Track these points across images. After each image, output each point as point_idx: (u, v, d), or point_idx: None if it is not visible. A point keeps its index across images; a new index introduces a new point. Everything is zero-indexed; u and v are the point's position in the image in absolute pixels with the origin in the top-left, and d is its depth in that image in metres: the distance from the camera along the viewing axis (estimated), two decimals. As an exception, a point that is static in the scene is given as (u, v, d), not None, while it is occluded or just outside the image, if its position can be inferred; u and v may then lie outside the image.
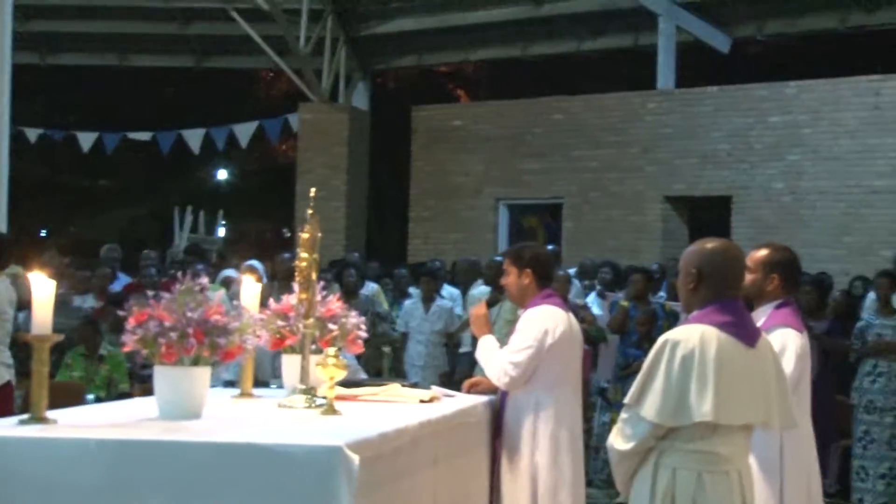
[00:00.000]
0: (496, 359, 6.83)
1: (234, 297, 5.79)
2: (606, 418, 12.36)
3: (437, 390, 6.62)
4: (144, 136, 24.82)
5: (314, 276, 5.85)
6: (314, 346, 5.90)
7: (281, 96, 30.58)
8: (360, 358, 8.66)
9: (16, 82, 12.00)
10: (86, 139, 24.25)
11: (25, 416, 4.74)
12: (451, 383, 8.76)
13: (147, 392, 6.11)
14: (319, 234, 5.87)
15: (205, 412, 5.09)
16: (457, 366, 13.82)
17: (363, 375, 8.54)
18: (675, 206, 19.82)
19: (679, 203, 19.85)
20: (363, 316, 6.53)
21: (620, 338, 12.56)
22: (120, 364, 11.04)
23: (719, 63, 21.74)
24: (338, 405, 5.44)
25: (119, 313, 5.21)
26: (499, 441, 6.83)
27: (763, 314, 6.07)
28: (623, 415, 4.96)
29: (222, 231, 27.54)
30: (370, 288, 14.74)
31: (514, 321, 7.05)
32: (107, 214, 33.59)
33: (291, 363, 6.02)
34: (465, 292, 14.30)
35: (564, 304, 7.19)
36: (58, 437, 4.50)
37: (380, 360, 13.17)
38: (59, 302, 4.81)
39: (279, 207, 29.61)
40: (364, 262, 16.74)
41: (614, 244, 19.34)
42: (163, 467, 4.35)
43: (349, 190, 22.84)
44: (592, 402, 12.37)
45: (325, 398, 5.43)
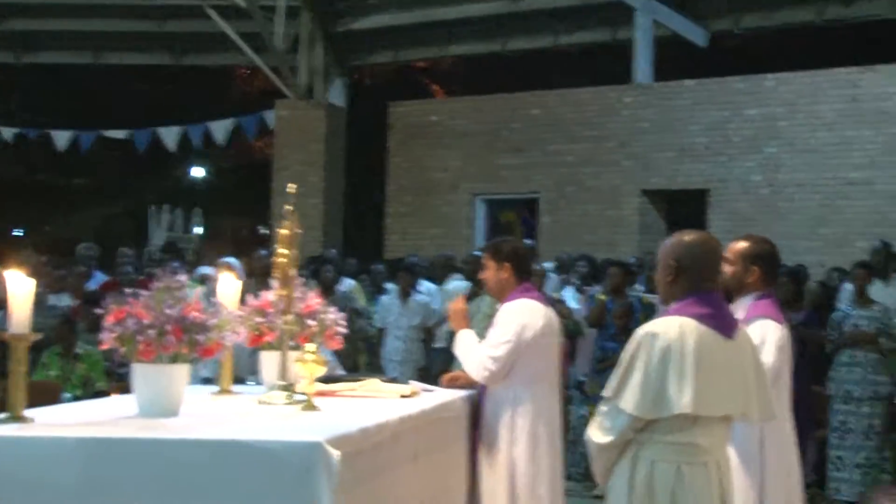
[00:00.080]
0: (475, 353, 6.82)
1: (212, 295, 5.76)
2: (584, 412, 12.36)
3: (417, 385, 6.62)
4: (120, 135, 24.74)
5: (293, 273, 5.84)
6: (293, 343, 5.89)
7: (257, 93, 30.52)
8: (338, 354, 8.64)
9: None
10: (61, 138, 24.20)
11: (3, 416, 4.71)
12: (428, 379, 8.76)
13: (125, 390, 6.09)
14: (299, 231, 5.86)
15: (183, 409, 5.07)
16: (432, 361, 13.83)
17: (341, 371, 8.53)
18: (653, 200, 19.83)
19: (656, 197, 19.86)
20: (341, 312, 6.51)
21: (598, 331, 12.58)
22: (97, 363, 10.98)
23: (696, 57, 21.73)
24: (317, 401, 5.43)
25: (96, 311, 5.18)
26: (477, 435, 6.82)
27: (743, 306, 6.08)
28: (602, 407, 4.95)
29: (198, 229, 27.46)
30: (347, 284, 14.74)
31: (494, 315, 7.03)
32: (83, 213, 33.54)
33: (270, 360, 6.01)
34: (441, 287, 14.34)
35: (543, 298, 7.19)
36: (36, 436, 4.47)
37: (357, 356, 13.17)
38: (35, 301, 4.78)
39: (256, 204, 29.57)
40: (342, 259, 16.71)
41: (591, 238, 19.34)
42: (142, 465, 4.33)
43: (326, 186, 22.80)
44: (570, 396, 12.37)
45: (305, 394, 5.43)
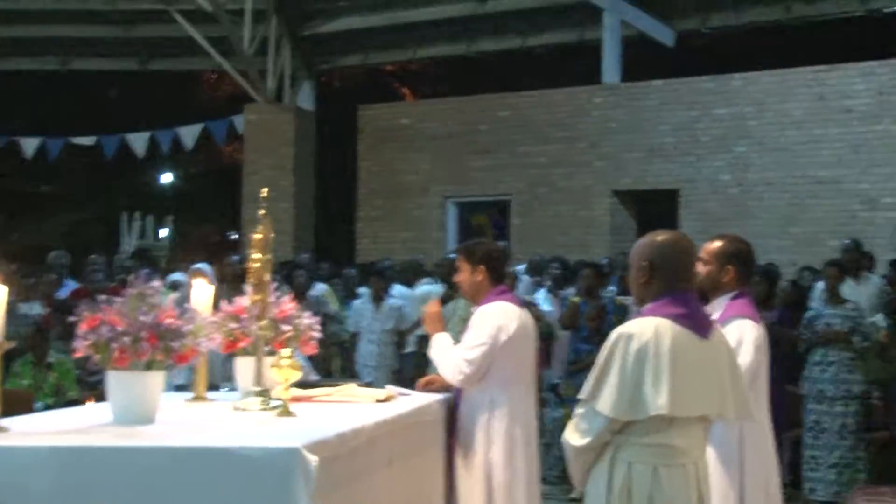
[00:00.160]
0: (450, 356, 6.80)
1: (184, 301, 5.72)
2: (558, 414, 12.36)
3: (393, 389, 6.60)
4: (88, 141, 24.58)
5: (267, 277, 5.81)
6: (268, 348, 5.86)
7: (225, 98, 30.45)
8: (311, 359, 8.61)
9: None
10: (29, 145, 24.04)
11: (-22, 426, 4.67)
12: (401, 383, 8.75)
13: (99, 398, 6.06)
14: (272, 235, 5.83)
15: (159, 417, 5.04)
16: (403, 366, 13.82)
17: (314, 377, 8.50)
18: (623, 201, 19.86)
19: (627, 197, 19.89)
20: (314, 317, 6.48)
21: (571, 333, 12.57)
22: (68, 372, 10.91)
23: (664, 56, 21.78)
24: (293, 406, 5.41)
25: (70, 319, 5.15)
26: (454, 439, 6.80)
27: (719, 306, 6.09)
28: (578, 410, 4.92)
29: (167, 234, 27.35)
30: (319, 289, 14.70)
31: (469, 319, 7.01)
32: (51, 220, 33.35)
33: (245, 365, 5.98)
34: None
35: (518, 300, 7.18)
36: (11, 446, 4.44)
37: (330, 361, 13.14)
38: (6, 309, 4.73)
39: (225, 210, 29.50)
40: (314, 263, 16.68)
41: (563, 240, 19.36)
42: (118, 473, 4.31)
43: (296, 191, 22.73)
44: (544, 398, 12.36)
45: (281, 400, 5.40)
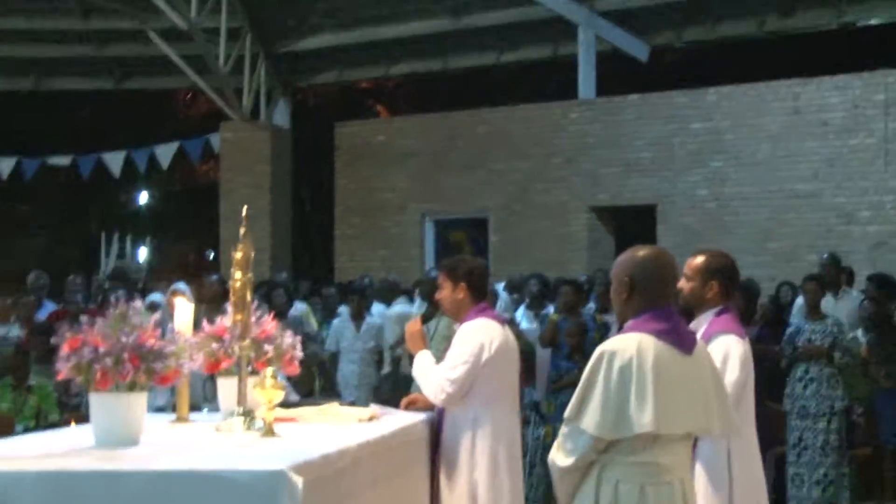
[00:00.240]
0: (432, 375, 6.76)
1: (165, 322, 5.67)
2: (540, 432, 12.30)
3: (377, 408, 6.57)
4: (64, 161, 24.53)
5: (249, 297, 5.77)
6: (250, 368, 5.81)
7: (201, 116, 30.41)
8: (290, 379, 8.57)
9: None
10: (4, 165, 23.94)
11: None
12: (379, 403, 8.72)
13: (80, 420, 6.00)
14: (253, 254, 5.79)
15: (142, 439, 5.00)
16: (381, 385, 13.77)
17: (294, 397, 8.45)
18: (601, 216, 19.87)
19: (604, 213, 19.89)
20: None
21: (552, 351, 12.50)
22: (49, 394, 10.82)
23: (639, 71, 21.83)
24: (277, 427, 5.37)
25: (49, 341, 5.10)
26: (437, 458, 6.77)
27: (704, 321, 6.08)
28: (563, 429, 4.88)
29: (145, 254, 27.31)
30: (298, 308, 14.66)
31: (451, 337, 6.98)
32: (27, 241, 33.23)
33: (227, 386, 5.93)
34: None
35: (500, 318, 7.15)
36: (-6, 470, 4.39)
37: (311, 381, 13.08)
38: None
39: (202, 229, 29.41)
40: (293, 282, 16.63)
41: (541, 256, 19.32)
42: (103, 497, 4.26)
43: (273, 209, 22.68)
44: (526, 417, 12.31)
45: (264, 421, 5.36)
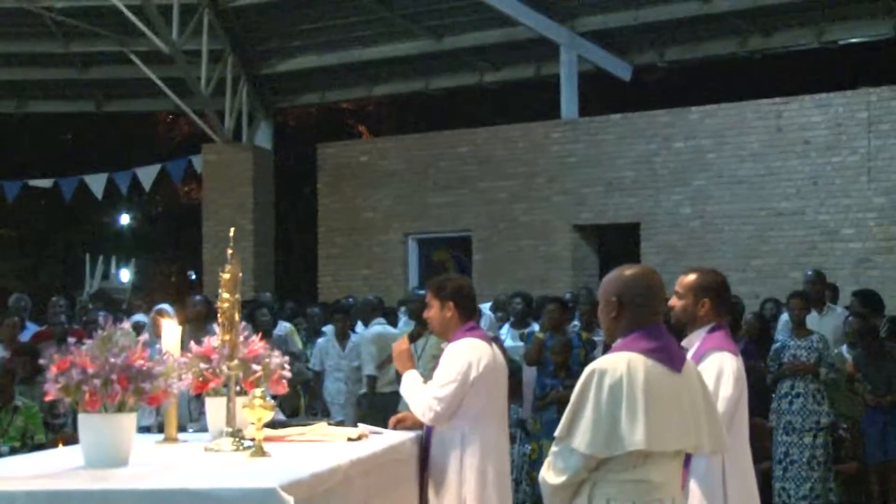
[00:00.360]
0: (420, 394, 6.77)
1: (151, 343, 5.66)
2: (526, 449, 12.31)
3: (365, 428, 6.56)
4: (46, 183, 24.52)
5: (237, 317, 5.76)
6: (238, 388, 5.80)
7: (183, 138, 30.42)
8: (276, 398, 8.56)
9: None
10: (-14, 188, 23.95)
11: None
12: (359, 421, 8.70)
13: (69, 441, 6.00)
14: (241, 274, 5.79)
15: (132, 459, 4.99)
16: (359, 404, 13.77)
17: (281, 417, 8.44)
18: (584, 235, 19.89)
19: (587, 232, 19.92)
20: (281, 356, 6.43)
21: (537, 369, 12.51)
22: (35, 415, 10.80)
23: (622, 91, 21.89)
24: (266, 446, 5.37)
25: (36, 362, 5.10)
26: (426, 476, 6.77)
27: (696, 339, 6.08)
28: (554, 448, 4.88)
29: (128, 276, 27.26)
30: (283, 328, 14.65)
31: (439, 356, 6.98)
32: (9, 263, 33.21)
33: (216, 406, 5.93)
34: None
35: (487, 336, 7.15)
36: (-17, 492, 4.37)
37: (297, 400, 13.06)
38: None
39: (185, 250, 29.40)
40: (278, 302, 16.62)
41: (525, 275, 19.35)
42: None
43: (256, 230, 22.71)
44: (512, 434, 12.30)
45: (254, 440, 5.35)
